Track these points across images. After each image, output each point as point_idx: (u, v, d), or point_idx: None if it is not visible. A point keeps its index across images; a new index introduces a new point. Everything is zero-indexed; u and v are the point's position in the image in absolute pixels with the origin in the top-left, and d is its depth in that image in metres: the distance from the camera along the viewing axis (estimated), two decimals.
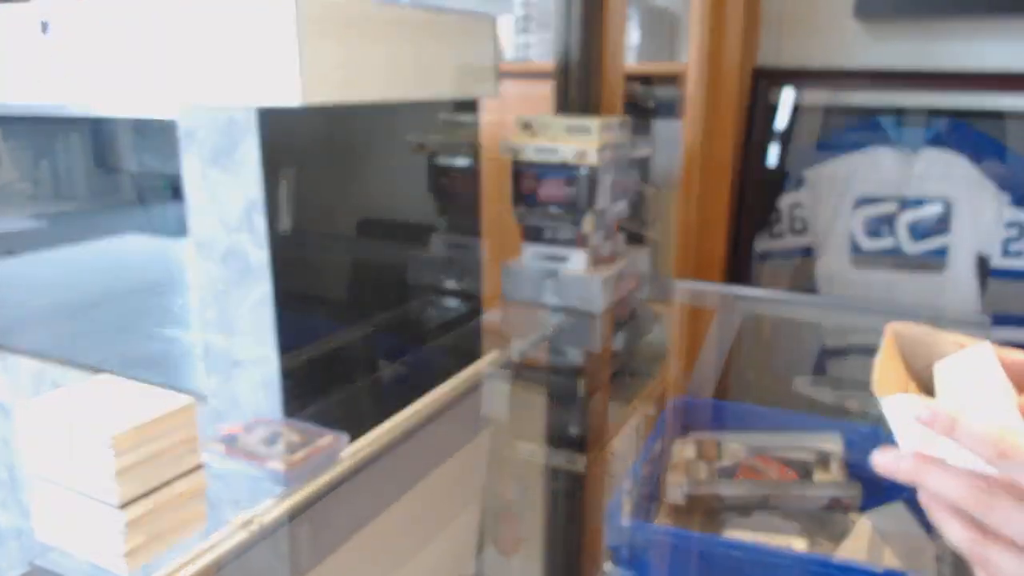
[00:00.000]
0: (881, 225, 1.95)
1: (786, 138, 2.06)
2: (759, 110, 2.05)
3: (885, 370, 0.45)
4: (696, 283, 1.55)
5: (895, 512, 0.66)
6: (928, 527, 0.62)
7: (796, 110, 2.05)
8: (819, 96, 2.04)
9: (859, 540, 0.63)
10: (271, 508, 0.66)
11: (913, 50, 1.93)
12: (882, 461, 0.43)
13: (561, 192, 1.17)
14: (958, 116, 1.89)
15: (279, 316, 0.82)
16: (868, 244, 1.97)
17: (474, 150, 1.17)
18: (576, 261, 1.20)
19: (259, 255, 0.81)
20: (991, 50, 1.86)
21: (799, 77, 2.04)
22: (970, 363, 0.45)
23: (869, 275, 1.97)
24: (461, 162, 1.15)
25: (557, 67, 1.45)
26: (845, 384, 0.60)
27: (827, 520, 0.90)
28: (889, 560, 0.61)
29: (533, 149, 1.17)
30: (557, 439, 0.93)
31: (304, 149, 0.87)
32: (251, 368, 0.85)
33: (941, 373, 0.46)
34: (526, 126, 1.15)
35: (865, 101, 1.99)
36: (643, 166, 2.10)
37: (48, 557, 0.64)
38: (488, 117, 1.20)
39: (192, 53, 0.80)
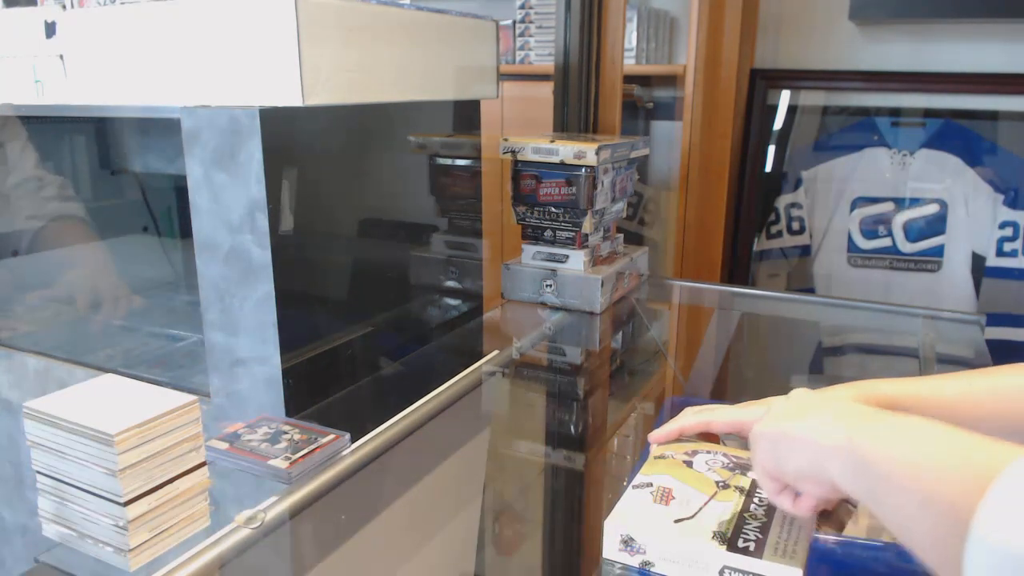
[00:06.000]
0: (877, 225, 1.96)
1: (783, 139, 2.07)
2: (756, 111, 2.06)
3: None
4: (695, 283, 1.55)
5: None
6: None
7: (793, 111, 2.06)
8: (816, 97, 2.05)
9: (859, 525, 0.65)
10: (274, 506, 0.66)
11: (908, 52, 1.94)
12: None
13: (561, 192, 1.18)
14: (953, 117, 1.90)
15: (281, 315, 0.82)
16: (865, 244, 1.98)
17: (475, 150, 1.18)
18: (576, 261, 1.20)
19: (262, 255, 0.82)
20: (985, 52, 1.87)
21: (796, 78, 2.05)
22: None
23: (866, 274, 1.98)
24: (461, 162, 1.16)
25: (557, 69, 1.46)
26: (841, 382, 0.61)
27: (827, 511, 0.91)
28: (888, 538, 0.64)
29: (533, 149, 1.18)
30: (557, 438, 0.94)
31: (307, 149, 0.87)
32: (254, 367, 0.86)
33: None
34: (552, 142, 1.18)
35: (861, 102, 2.00)
36: (642, 166, 2.11)
37: (53, 554, 0.64)
38: (488, 118, 1.21)
39: (195, 54, 0.81)
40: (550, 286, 1.22)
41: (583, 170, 1.16)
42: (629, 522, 0.57)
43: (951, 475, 0.39)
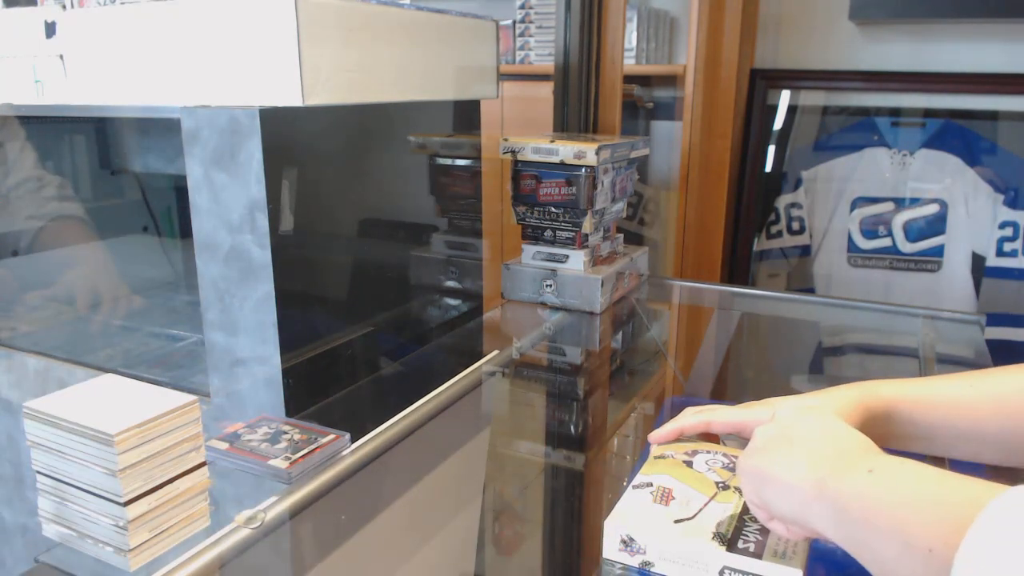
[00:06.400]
0: (877, 225, 1.96)
1: (783, 139, 2.07)
2: (756, 111, 2.06)
3: None
4: (695, 283, 1.55)
5: None
6: None
7: (793, 111, 2.06)
8: (816, 97, 2.05)
9: None
10: (274, 506, 0.66)
11: (908, 52, 1.94)
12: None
13: (561, 192, 1.18)
14: (953, 117, 1.90)
15: (281, 315, 0.83)
16: (865, 244, 1.98)
17: (475, 150, 1.18)
18: (576, 261, 1.20)
19: (262, 255, 0.82)
20: (985, 52, 1.87)
21: (796, 78, 2.05)
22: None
23: (866, 274, 1.98)
24: (461, 162, 1.16)
25: (557, 69, 1.46)
26: (841, 382, 0.61)
27: None
28: None
29: (533, 149, 1.18)
30: (557, 438, 0.94)
31: (307, 149, 0.87)
32: (254, 367, 0.86)
33: None
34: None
35: (861, 102, 2.00)
36: (642, 166, 2.11)
37: (53, 554, 0.64)
38: (488, 118, 1.21)
39: (195, 54, 0.81)
40: (550, 286, 1.22)
41: (583, 170, 1.16)
42: (629, 522, 0.57)
43: (929, 518, 0.39)
